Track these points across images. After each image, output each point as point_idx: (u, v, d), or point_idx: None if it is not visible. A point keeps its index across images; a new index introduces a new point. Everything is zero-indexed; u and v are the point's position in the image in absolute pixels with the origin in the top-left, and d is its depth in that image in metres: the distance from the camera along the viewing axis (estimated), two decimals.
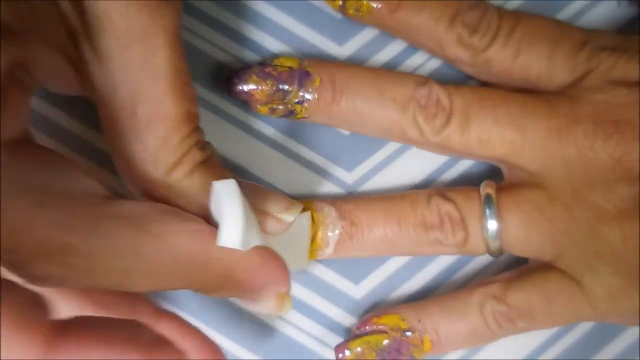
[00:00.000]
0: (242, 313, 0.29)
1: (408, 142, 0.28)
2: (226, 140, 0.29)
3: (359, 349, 0.27)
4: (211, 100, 0.29)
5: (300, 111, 0.28)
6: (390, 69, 0.29)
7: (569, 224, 0.26)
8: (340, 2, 0.28)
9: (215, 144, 0.29)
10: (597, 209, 0.26)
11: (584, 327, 0.29)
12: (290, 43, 0.29)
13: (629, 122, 0.25)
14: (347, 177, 0.29)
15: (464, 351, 0.29)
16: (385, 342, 0.27)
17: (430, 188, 0.29)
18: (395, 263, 0.29)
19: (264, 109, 0.28)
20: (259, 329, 0.29)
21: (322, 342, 0.29)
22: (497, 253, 0.27)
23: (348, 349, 0.27)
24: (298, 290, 0.29)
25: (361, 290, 0.29)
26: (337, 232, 0.27)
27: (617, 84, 0.26)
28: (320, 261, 0.29)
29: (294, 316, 0.29)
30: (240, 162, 0.29)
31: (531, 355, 0.29)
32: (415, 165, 0.29)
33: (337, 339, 0.28)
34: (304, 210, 0.27)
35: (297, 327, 0.29)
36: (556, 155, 0.26)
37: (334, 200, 0.28)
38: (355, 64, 0.29)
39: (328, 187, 0.29)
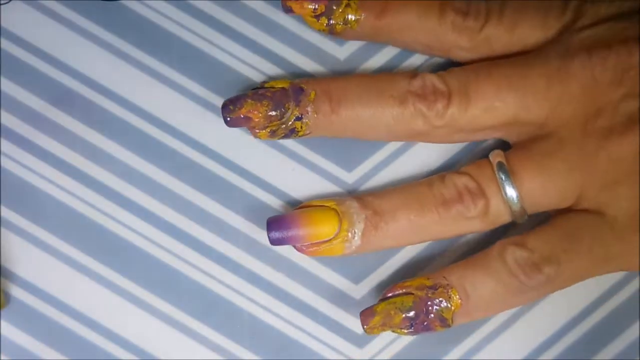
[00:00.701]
0: (242, 313, 0.29)
1: (414, 136, 0.28)
2: (226, 140, 0.29)
3: (386, 312, 0.26)
4: (211, 100, 0.29)
5: (301, 128, 0.27)
6: (384, 71, 0.29)
7: (583, 159, 0.26)
8: (327, 21, 0.28)
9: (215, 143, 0.29)
10: (606, 130, 0.26)
11: (584, 327, 0.29)
12: (290, 43, 0.29)
13: (622, 42, 0.26)
14: (347, 177, 0.29)
15: (464, 351, 0.29)
16: (412, 301, 0.26)
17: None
18: (395, 263, 0.29)
19: (263, 134, 0.28)
20: (259, 329, 0.29)
21: (322, 342, 0.29)
22: (521, 215, 0.27)
23: (375, 311, 0.26)
24: (298, 290, 0.29)
25: (361, 290, 0.29)
26: (361, 223, 0.27)
27: (600, 22, 0.27)
28: (320, 261, 0.29)
29: (294, 316, 0.29)
30: (241, 162, 0.29)
31: (531, 355, 0.29)
32: (415, 164, 0.29)
33: (337, 339, 0.28)
34: (326, 206, 0.27)
35: (297, 327, 0.29)
36: (561, 97, 0.26)
37: (352, 195, 0.28)
38: (345, 75, 0.29)
39: (328, 187, 0.29)
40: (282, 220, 0.27)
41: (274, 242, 0.27)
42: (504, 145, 0.28)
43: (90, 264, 0.28)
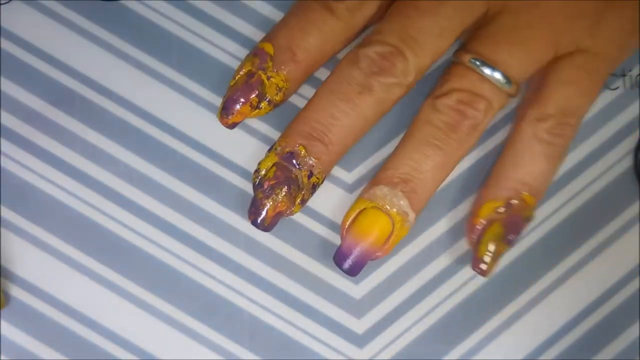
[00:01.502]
0: (242, 313, 0.29)
1: (402, 96, 0.27)
2: (227, 140, 0.29)
3: (489, 250, 0.27)
4: (211, 100, 0.29)
5: (318, 178, 0.27)
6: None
7: (544, 17, 0.27)
8: (266, 103, 0.27)
9: (215, 143, 0.29)
10: None
11: (583, 327, 0.29)
12: None
13: None
14: (347, 177, 0.29)
15: (464, 351, 0.29)
16: (501, 226, 0.27)
17: (425, 100, 0.28)
18: (395, 263, 0.29)
19: (298, 208, 0.27)
20: (259, 329, 0.29)
21: (322, 342, 0.29)
22: (517, 90, 0.27)
23: (482, 258, 0.27)
24: (298, 290, 0.29)
25: (361, 290, 0.29)
26: (403, 199, 0.27)
27: None
28: (320, 261, 0.29)
29: (294, 316, 0.29)
30: (242, 163, 0.29)
31: (531, 355, 0.29)
32: None
33: (337, 339, 0.28)
34: (365, 209, 0.27)
35: (297, 327, 0.29)
36: None
37: (370, 183, 0.28)
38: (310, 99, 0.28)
39: (328, 187, 0.29)
40: (343, 249, 0.27)
41: (352, 271, 0.27)
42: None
43: (90, 264, 0.28)
